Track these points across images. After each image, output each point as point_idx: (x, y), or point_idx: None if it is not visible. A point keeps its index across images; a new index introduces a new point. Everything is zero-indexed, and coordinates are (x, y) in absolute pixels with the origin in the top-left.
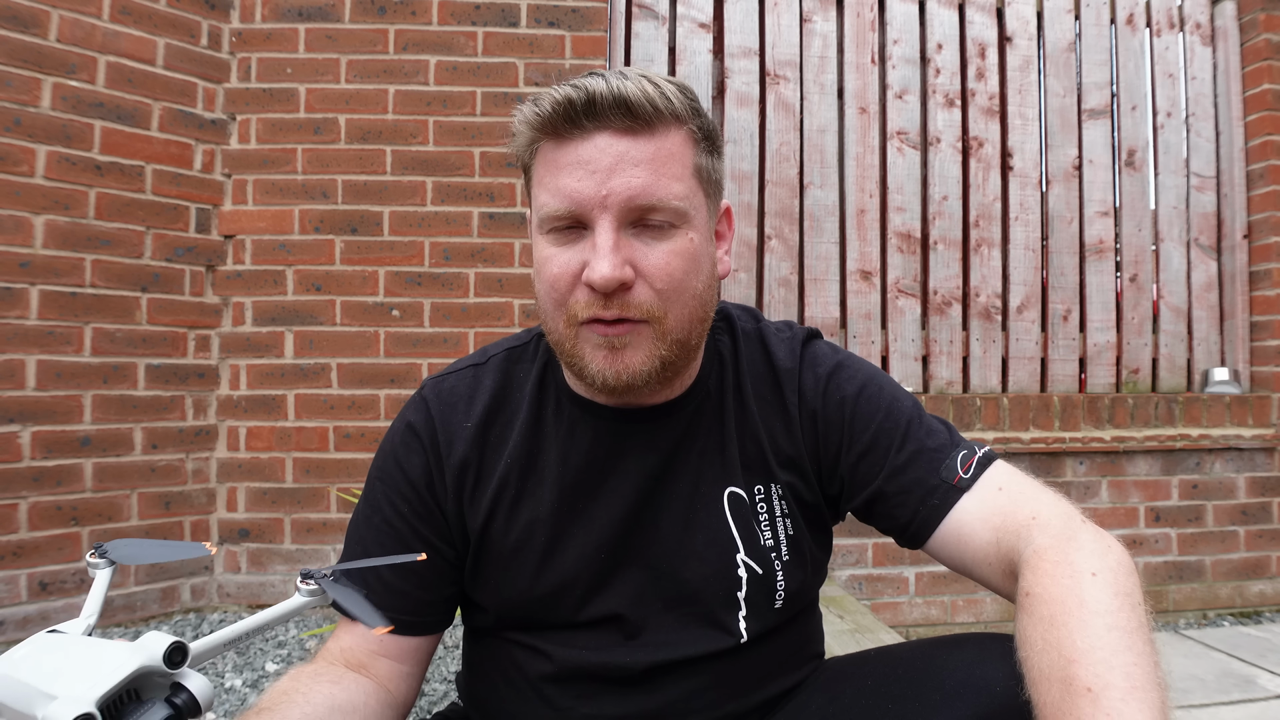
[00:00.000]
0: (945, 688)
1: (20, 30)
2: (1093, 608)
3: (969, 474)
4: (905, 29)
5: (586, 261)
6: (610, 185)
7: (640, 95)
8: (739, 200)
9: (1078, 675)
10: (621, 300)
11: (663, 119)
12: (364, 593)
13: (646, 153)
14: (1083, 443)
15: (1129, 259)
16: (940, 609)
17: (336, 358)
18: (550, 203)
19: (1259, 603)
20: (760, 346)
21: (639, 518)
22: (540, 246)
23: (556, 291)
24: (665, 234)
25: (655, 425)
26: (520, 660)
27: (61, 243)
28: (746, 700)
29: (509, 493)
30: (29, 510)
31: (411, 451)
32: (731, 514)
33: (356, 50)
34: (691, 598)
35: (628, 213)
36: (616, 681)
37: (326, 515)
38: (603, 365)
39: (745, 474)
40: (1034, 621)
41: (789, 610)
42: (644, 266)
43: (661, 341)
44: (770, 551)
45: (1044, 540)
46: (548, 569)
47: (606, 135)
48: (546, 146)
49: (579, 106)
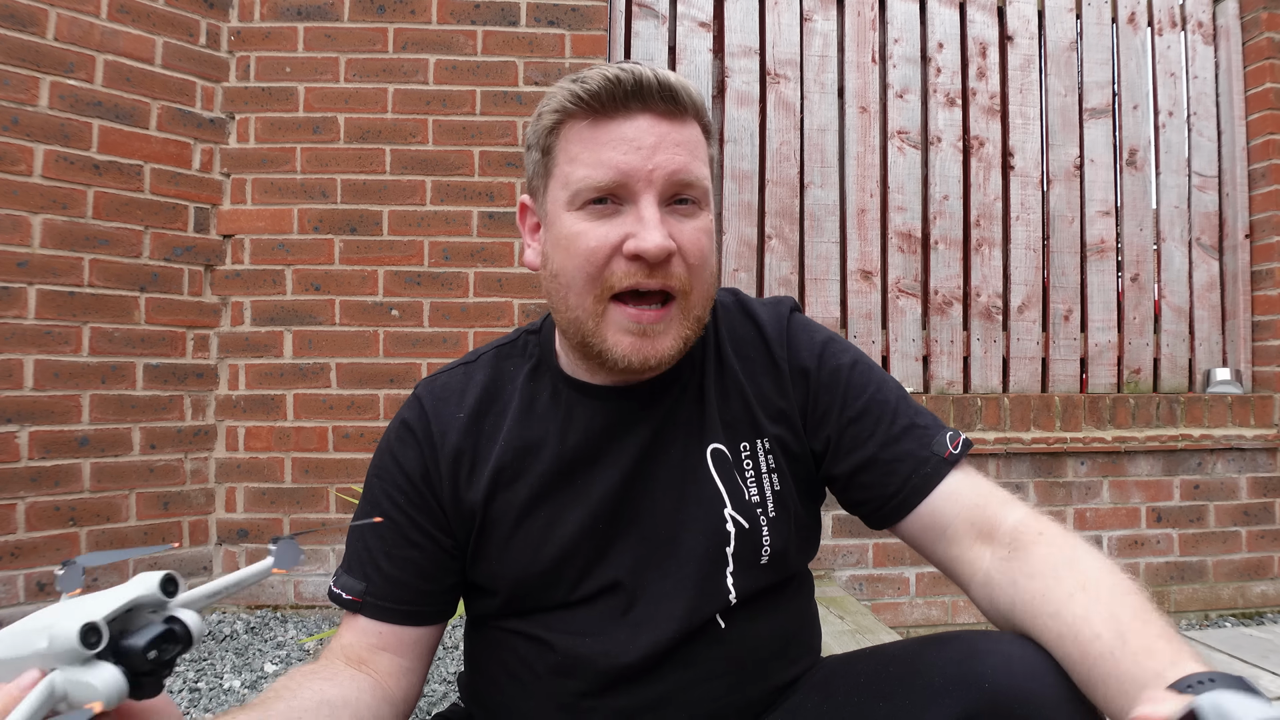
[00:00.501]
0: (934, 685)
1: (18, 29)
2: (1083, 547)
3: (958, 451)
4: (906, 28)
5: (627, 234)
6: (656, 160)
7: (680, 84)
8: (739, 199)
9: (1066, 576)
10: (665, 270)
11: (693, 110)
12: (363, 580)
13: (683, 136)
14: (1084, 443)
15: (1130, 259)
16: (941, 609)
17: (335, 358)
18: (592, 175)
19: (1261, 604)
20: (742, 313)
21: (634, 488)
22: (569, 222)
23: (592, 264)
24: (693, 213)
25: (650, 399)
26: (523, 653)
27: (59, 242)
28: (745, 690)
29: (507, 474)
30: (27, 510)
31: (406, 446)
32: (716, 470)
33: (355, 49)
34: (686, 557)
35: (669, 188)
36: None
37: (325, 515)
38: (628, 350)
39: (727, 431)
40: (1052, 550)
41: (775, 571)
42: (680, 241)
43: (686, 319)
44: (756, 507)
45: (1027, 509)
46: (549, 543)
47: (649, 117)
48: (581, 125)
49: (628, 87)
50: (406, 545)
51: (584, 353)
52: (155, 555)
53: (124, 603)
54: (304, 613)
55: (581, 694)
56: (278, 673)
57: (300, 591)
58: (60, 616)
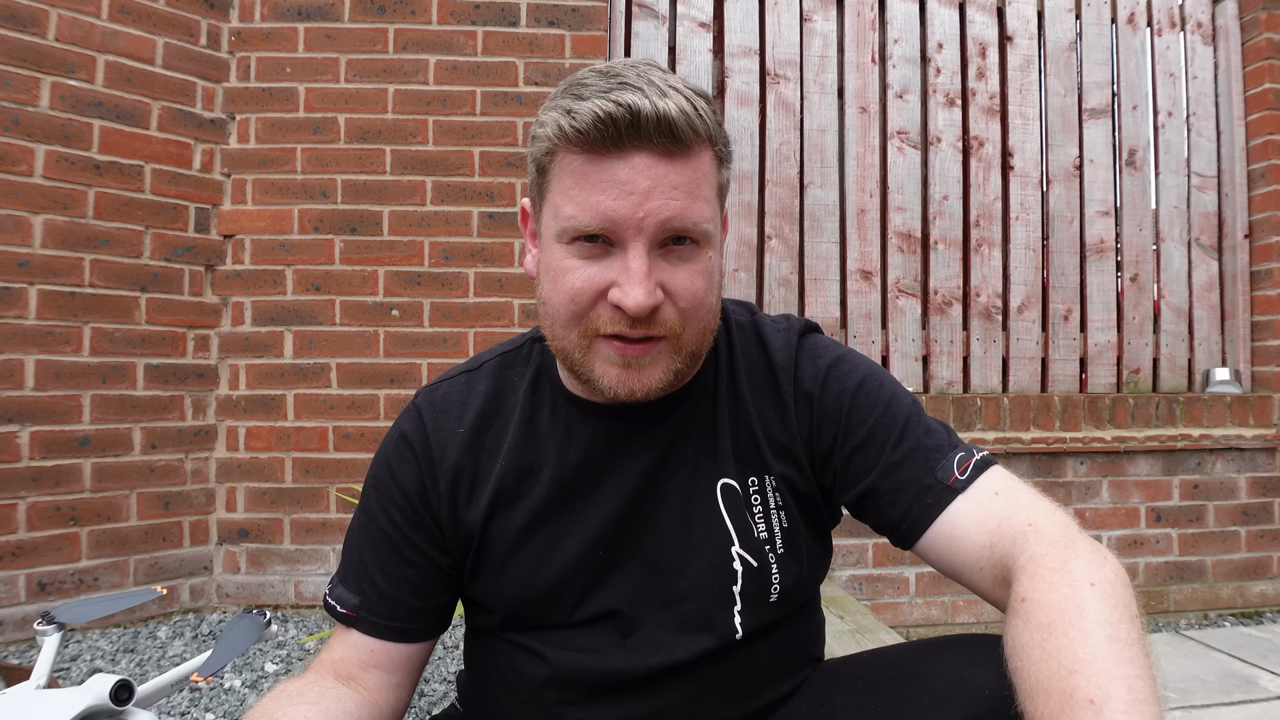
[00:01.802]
0: (935, 690)
1: (19, 29)
2: (1093, 618)
3: (965, 475)
4: (905, 28)
5: (613, 281)
6: (647, 208)
7: (682, 117)
8: (739, 200)
9: (1079, 686)
10: (649, 321)
11: (698, 140)
12: (360, 599)
13: (683, 177)
14: (1083, 443)
15: (1130, 259)
16: (941, 609)
17: (336, 358)
18: (580, 217)
19: (1260, 603)
20: (755, 338)
21: (636, 514)
22: (558, 255)
23: (577, 305)
24: (690, 255)
25: (653, 423)
26: (518, 663)
27: (60, 242)
28: (743, 706)
29: (506, 494)
30: (27, 510)
31: (404, 460)
32: (725, 506)
33: (356, 50)
34: (688, 593)
35: (661, 235)
36: (613, 687)
37: (326, 515)
38: (615, 382)
39: (739, 465)
40: (1031, 629)
41: (785, 606)
42: (671, 287)
43: (677, 355)
44: (764, 545)
45: (1040, 547)
46: (546, 566)
47: (645, 156)
48: (573, 158)
49: (622, 126)
50: (402, 563)
51: (575, 376)
52: (139, 604)
53: (75, 715)
54: (304, 613)
55: (573, 704)
56: (278, 673)
57: (300, 591)
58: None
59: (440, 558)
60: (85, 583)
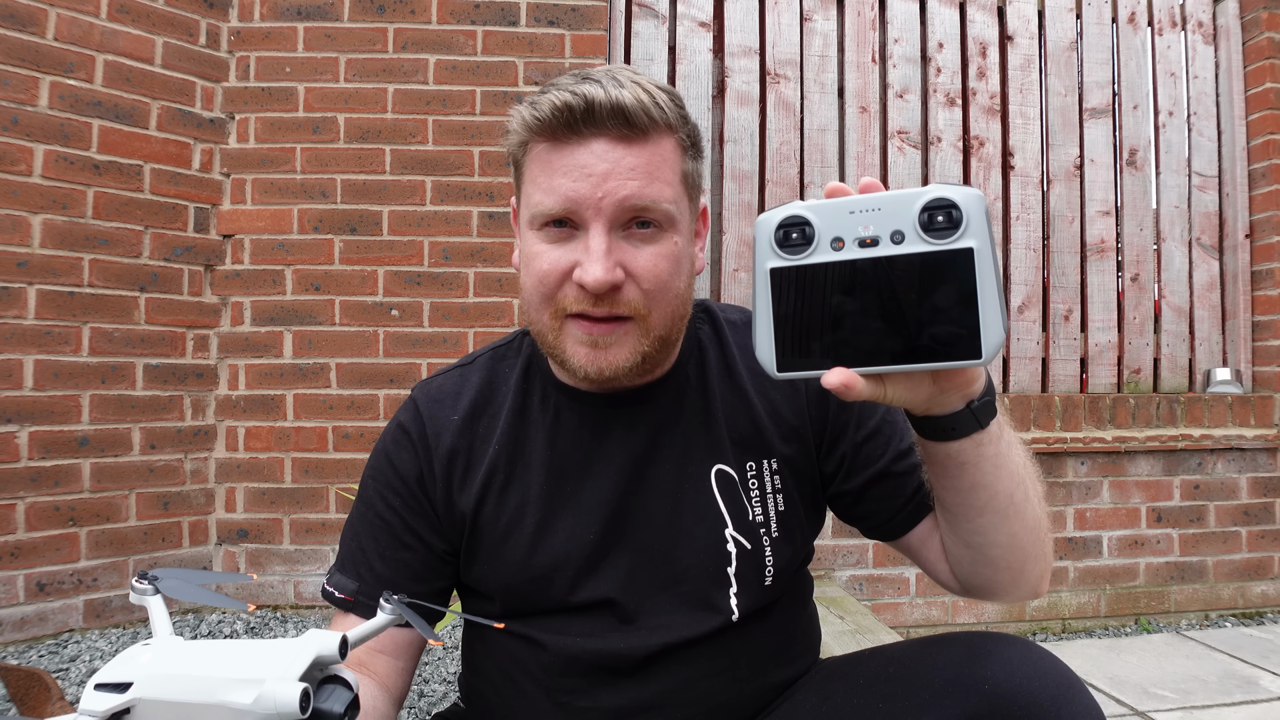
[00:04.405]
0: (935, 686)
1: (18, 29)
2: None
3: None
4: (906, 28)
5: (577, 261)
6: (605, 188)
7: (636, 104)
8: (739, 199)
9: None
10: (611, 299)
11: (656, 127)
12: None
13: (640, 159)
14: (1084, 443)
15: (1130, 258)
16: (941, 609)
17: (335, 357)
18: (545, 201)
19: (1261, 604)
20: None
21: (627, 501)
22: (530, 241)
23: (545, 286)
24: (653, 237)
25: (635, 409)
26: (518, 653)
27: (59, 242)
28: (741, 690)
29: (498, 478)
30: (26, 510)
31: (401, 448)
32: (720, 491)
33: (355, 49)
34: (682, 576)
35: (620, 215)
36: (613, 671)
37: (325, 515)
38: (584, 360)
39: (736, 451)
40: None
41: (779, 587)
42: (633, 268)
43: (645, 338)
44: (760, 527)
45: None
46: (539, 550)
47: (603, 142)
48: (541, 147)
49: (578, 114)
50: (400, 547)
51: (553, 359)
52: (236, 582)
53: (309, 661)
54: (304, 613)
55: (574, 691)
56: None
57: (300, 591)
58: (255, 671)
59: (437, 543)
60: (84, 583)
